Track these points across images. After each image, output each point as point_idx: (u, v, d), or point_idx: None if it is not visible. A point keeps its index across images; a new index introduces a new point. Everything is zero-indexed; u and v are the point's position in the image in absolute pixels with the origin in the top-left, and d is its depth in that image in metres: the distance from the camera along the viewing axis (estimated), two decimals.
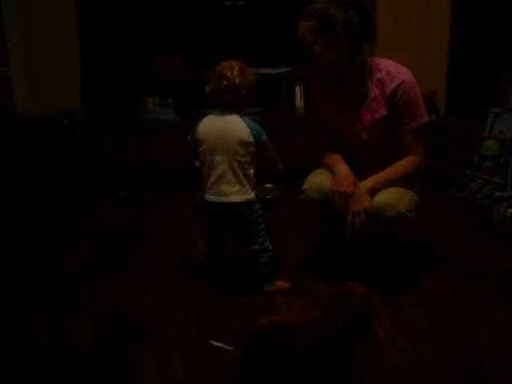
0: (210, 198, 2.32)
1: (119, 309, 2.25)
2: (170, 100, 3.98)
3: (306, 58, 2.27)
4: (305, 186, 2.42)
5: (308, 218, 2.59)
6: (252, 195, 2.30)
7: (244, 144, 2.26)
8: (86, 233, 3.09)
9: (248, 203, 2.29)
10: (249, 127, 2.27)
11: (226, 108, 2.28)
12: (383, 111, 2.29)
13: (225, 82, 2.24)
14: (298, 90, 4.00)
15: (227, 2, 4.08)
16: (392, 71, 2.27)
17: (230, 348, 1.79)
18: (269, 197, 3.28)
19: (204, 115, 2.36)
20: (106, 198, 3.69)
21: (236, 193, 2.27)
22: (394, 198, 2.21)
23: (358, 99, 2.33)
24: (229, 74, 2.24)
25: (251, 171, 2.31)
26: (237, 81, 2.23)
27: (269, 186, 2.90)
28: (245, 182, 2.28)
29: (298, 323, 1.70)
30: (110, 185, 3.82)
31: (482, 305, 2.24)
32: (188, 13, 4.08)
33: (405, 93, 2.24)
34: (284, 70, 4.00)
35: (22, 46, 4.07)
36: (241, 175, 2.27)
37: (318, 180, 2.40)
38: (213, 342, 1.85)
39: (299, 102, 4.00)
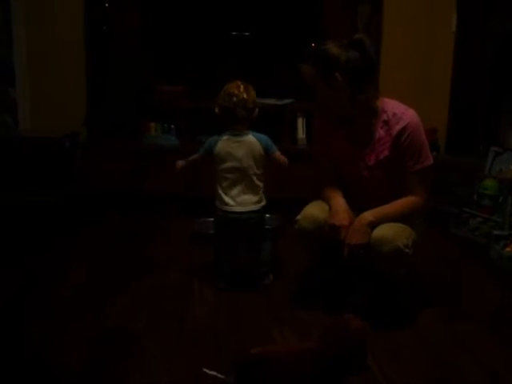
0: (232, 209, 2.60)
1: (112, 333, 2.23)
2: (173, 126, 4.00)
3: (312, 97, 2.33)
4: (299, 216, 2.43)
5: (300, 249, 2.61)
6: (265, 202, 2.66)
7: (259, 159, 2.60)
8: (81, 255, 3.08)
9: (263, 208, 2.65)
10: (259, 141, 2.60)
11: (239, 123, 2.58)
12: (387, 152, 2.31)
13: (234, 99, 2.54)
14: (300, 121, 4.02)
15: (234, 33, 4.13)
16: (398, 113, 2.29)
17: (222, 376, 1.77)
18: (268, 227, 3.27)
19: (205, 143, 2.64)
20: (104, 220, 3.69)
21: (256, 202, 2.61)
22: (392, 233, 2.21)
23: (364, 139, 2.35)
24: (236, 92, 2.55)
25: (263, 182, 2.65)
26: (245, 96, 2.54)
27: (268, 216, 2.92)
28: (260, 192, 2.63)
29: (292, 353, 1.69)
30: (108, 207, 3.83)
31: (474, 341, 2.22)
32: (195, 42, 4.13)
33: (410, 135, 2.26)
34: (288, 101, 4.04)
35: (28, 68, 4.12)
36: (258, 187, 2.62)
37: (312, 211, 2.42)
38: (205, 370, 1.83)
39: (301, 133, 4.02)
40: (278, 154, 2.64)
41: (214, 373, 1.80)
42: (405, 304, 2.46)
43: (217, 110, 2.61)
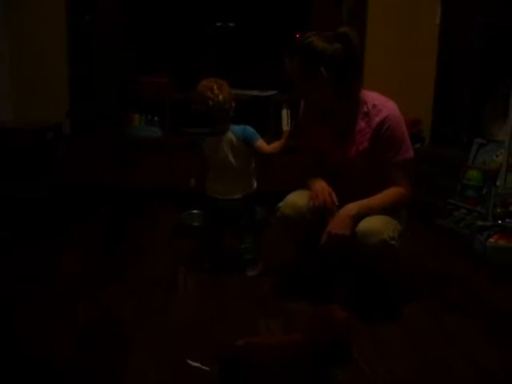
0: (217, 196, 2.66)
1: (99, 323, 2.23)
2: (157, 118, 3.97)
3: (295, 89, 2.32)
4: (281, 203, 2.43)
5: (287, 241, 2.63)
6: (253, 188, 2.70)
7: (241, 152, 2.60)
8: (66, 248, 3.06)
9: (250, 196, 2.69)
10: (235, 135, 2.59)
11: (217, 123, 2.57)
12: (366, 144, 2.30)
13: (210, 103, 2.48)
14: (285, 113, 4.01)
15: (218, 23, 4.11)
16: (378, 104, 2.28)
17: (207, 368, 1.76)
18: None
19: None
20: (90, 212, 3.66)
21: (240, 191, 2.65)
22: (378, 226, 2.21)
23: (345, 131, 2.34)
24: (211, 95, 2.49)
25: (253, 166, 2.68)
26: (220, 98, 2.49)
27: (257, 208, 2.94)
28: (244, 181, 2.67)
29: (276, 345, 1.69)
30: (94, 200, 3.80)
31: (458, 332, 2.24)
32: (179, 32, 4.09)
33: (390, 127, 2.25)
34: (272, 92, 4.02)
35: (9, 59, 4.07)
36: (242, 178, 2.65)
37: (294, 198, 2.42)
38: (189, 362, 1.82)
39: (286, 125, 4.01)
40: (259, 142, 2.61)
41: (198, 364, 1.79)
42: (391, 296, 2.46)
43: (194, 112, 2.59)
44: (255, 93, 3.99)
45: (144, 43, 4.06)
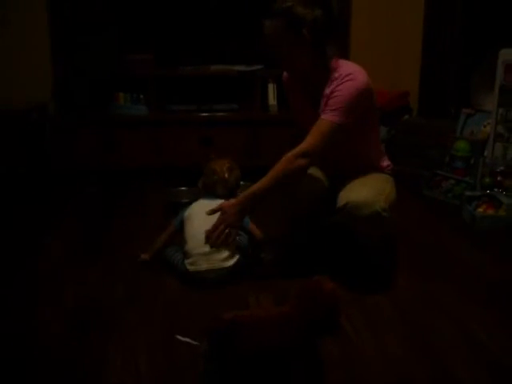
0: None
1: (88, 304, 2.22)
2: (142, 96, 3.94)
3: (274, 56, 2.29)
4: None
5: (275, 217, 2.65)
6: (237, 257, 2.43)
7: None
8: (55, 228, 3.04)
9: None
10: None
11: (217, 197, 2.57)
12: None
13: (215, 177, 2.62)
14: (271, 87, 3.98)
15: None
16: (344, 74, 2.22)
17: (195, 343, 1.77)
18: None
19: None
20: (77, 193, 3.64)
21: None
22: (369, 197, 2.19)
23: (317, 99, 2.31)
24: (219, 170, 2.63)
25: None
26: (226, 175, 2.62)
27: (242, 183, 2.92)
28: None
29: (265, 318, 1.68)
30: (81, 180, 3.77)
31: (448, 301, 2.24)
32: (162, 8, 4.05)
33: (340, 90, 2.20)
34: (257, 67, 3.99)
35: None
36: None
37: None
38: (178, 337, 1.82)
39: (272, 99, 3.98)
40: (252, 226, 2.61)
41: (188, 339, 1.80)
42: (380, 266, 2.47)
43: (200, 185, 2.70)
44: (241, 68, 3.96)
45: (126, 20, 4.01)
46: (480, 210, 3.11)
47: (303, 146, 2.24)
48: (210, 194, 2.62)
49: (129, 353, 1.88)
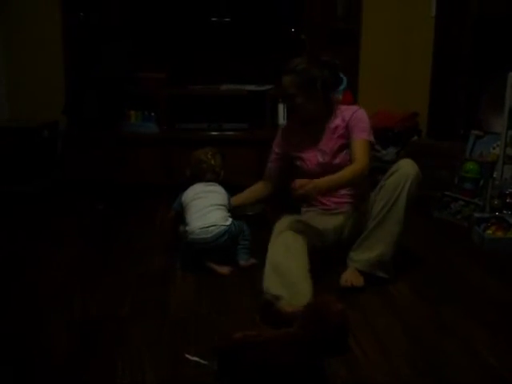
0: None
1: (95, 319, 2.22)
2: (153, 114, 3.97)
3: (289, 105, 2.82)
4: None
5: None
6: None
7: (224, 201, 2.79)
8: (65, 244, 3.06)
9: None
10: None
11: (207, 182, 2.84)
12: (343, 140, 2.67)
13: (204, 165, 2.85)
14: (281, 107, 4.01)
15: (214, 19, 4.10)
16: (350, 107, 2.75)
17: (205, 362, 1.76)
18: (250, 213, 3.26)
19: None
20: (86, 209, 3.66)
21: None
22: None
23: (322, 132, 2.72)
24: (205, 158, 2.86)
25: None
26: (213, 162, 2.86)
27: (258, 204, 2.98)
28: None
29: (273, 337, 1.69)
30: (91, 196, 3.80)
31: (458, 323, 2.23)
32: (175, 28, 4.09)
33: (359, 115, 2.67)
34: (267, 87, 4.02)
35: (4, 56, 4.06)
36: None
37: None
38: (188, 356, 1.82)
39: (282, 119, 4.02)
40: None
41: (197, 358, 1.80)
42: (389, 285, 2.47)
43: (188, 173, 2.90)
44: (251, 87, 3.99)
45: (140, 39, 4.06)
46: (489, 231, 3.10)
47: (362, 161, 2.58)
48: (200, 180, 2.84)
49: (135, 371, 1.87)
